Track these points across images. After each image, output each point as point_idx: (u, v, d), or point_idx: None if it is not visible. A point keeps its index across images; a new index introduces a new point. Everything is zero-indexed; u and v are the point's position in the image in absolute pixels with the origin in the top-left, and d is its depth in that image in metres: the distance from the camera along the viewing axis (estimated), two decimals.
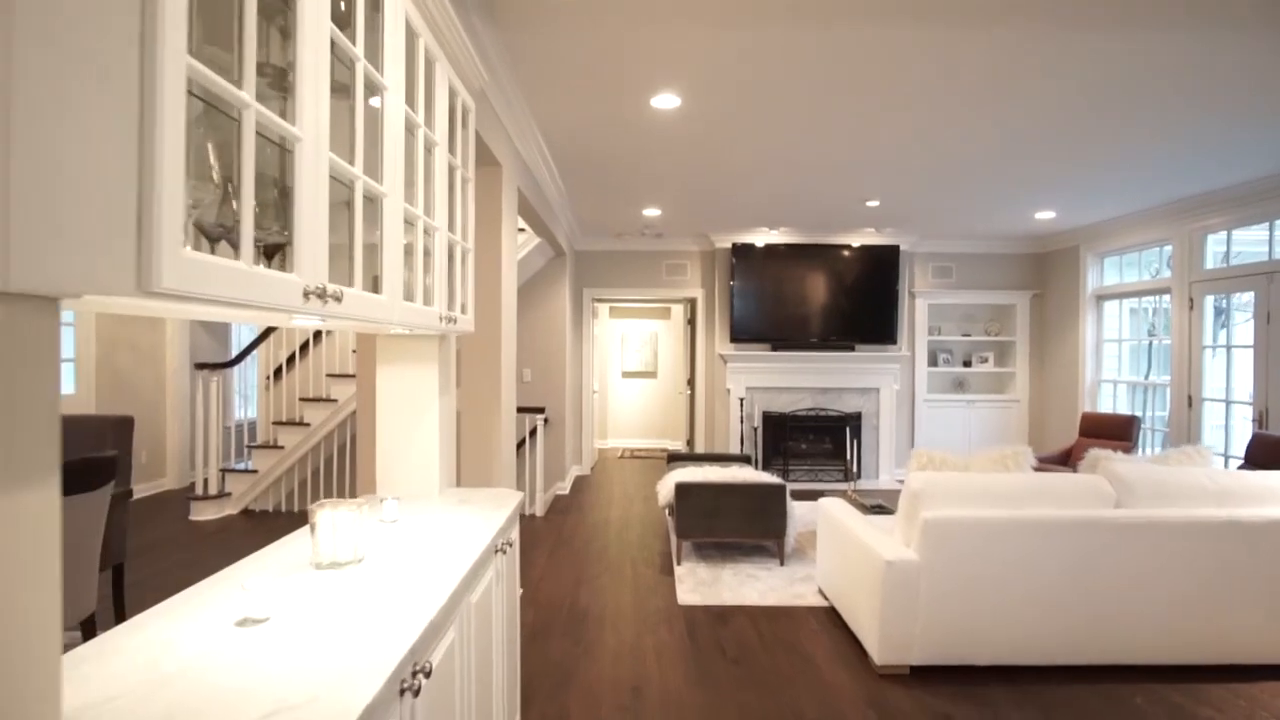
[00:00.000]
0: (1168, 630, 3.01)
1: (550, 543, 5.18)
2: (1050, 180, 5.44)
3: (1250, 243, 5.78)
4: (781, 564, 4.59)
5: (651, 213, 6.54)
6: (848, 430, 7.87)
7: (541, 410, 6.00)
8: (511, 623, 2.26)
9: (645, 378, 10.50)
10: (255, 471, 5.98)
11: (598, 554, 4.90)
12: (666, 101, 3.66)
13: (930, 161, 4.88)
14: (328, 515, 1.57)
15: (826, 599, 3.97)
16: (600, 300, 8.90)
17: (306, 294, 1.16)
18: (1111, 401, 7.35)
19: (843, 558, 3.60)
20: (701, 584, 4.21)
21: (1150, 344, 7.71)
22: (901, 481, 7.95)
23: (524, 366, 6.85)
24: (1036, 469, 3.52)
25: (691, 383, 8.66)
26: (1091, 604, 2.99)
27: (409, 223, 1.80)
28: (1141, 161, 4.95)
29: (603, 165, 4.94)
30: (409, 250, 1.81)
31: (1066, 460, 6.36)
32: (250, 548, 2.01)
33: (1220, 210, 5.73)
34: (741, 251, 7.71)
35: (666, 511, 5.21)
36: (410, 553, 1.70)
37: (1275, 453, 4.65)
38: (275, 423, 6.09)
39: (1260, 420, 5.40)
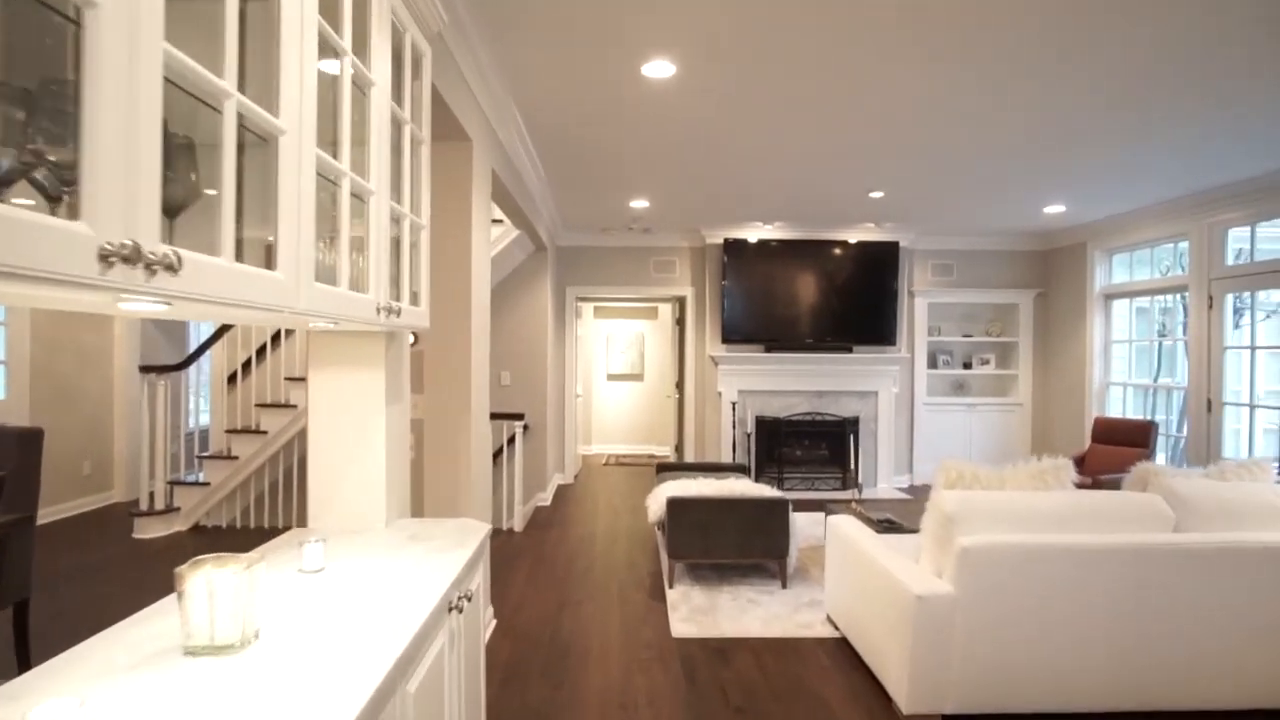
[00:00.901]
0: (1239, 671, 2.62)
1: (530, 561, 4.73)
2: (1063, 170, 5.08)
3: (1271, 239, 5.46)
4: (784, 586, 4.17)
5: (639, 204, 6.11)
6: (846, 436, 7.48)
7: (520, 417, 5.55)
8: (472, 694, 1.82)
9: (631, 381, 10.08)
10: (207, 484, 5.48)
11: (581, 574, 4.46)
12: (660, 70, 3.23)
13: (941, 148, 4.49)
14: (201, 581, 1.13)
15: (836, 628, 3.56)
16: (584, 299, 8.46)
17: (105, 257, 0.72)
18: (1121, 405, 7.02)
19: (858, 585, 3.19)
20: (697, 611, 3.78)
21: (1160, 345, 7.40)
22: (902, 490, 7.59)
23: (501, 369, 6.39)
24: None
25: (680, 386, 8.24)
26: (1153, 641, 2.59)
27: (328, 179, 1.35)
28: (1159, 151, 4.63)
29: (587, 148, 4.51)
30: (328, 217, 1.37)
31: (1079, 469, 5.99)
32: None
33: (1243, 203, 5.40)
34: (734, 248, 7.30)
35: (657, 528, 4.78)
36: (330, 621, 1.26)
37: None
38: (230, 431, 5.59)
39: None
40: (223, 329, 5.79)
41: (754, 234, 7.34)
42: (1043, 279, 7.85)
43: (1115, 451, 5.79)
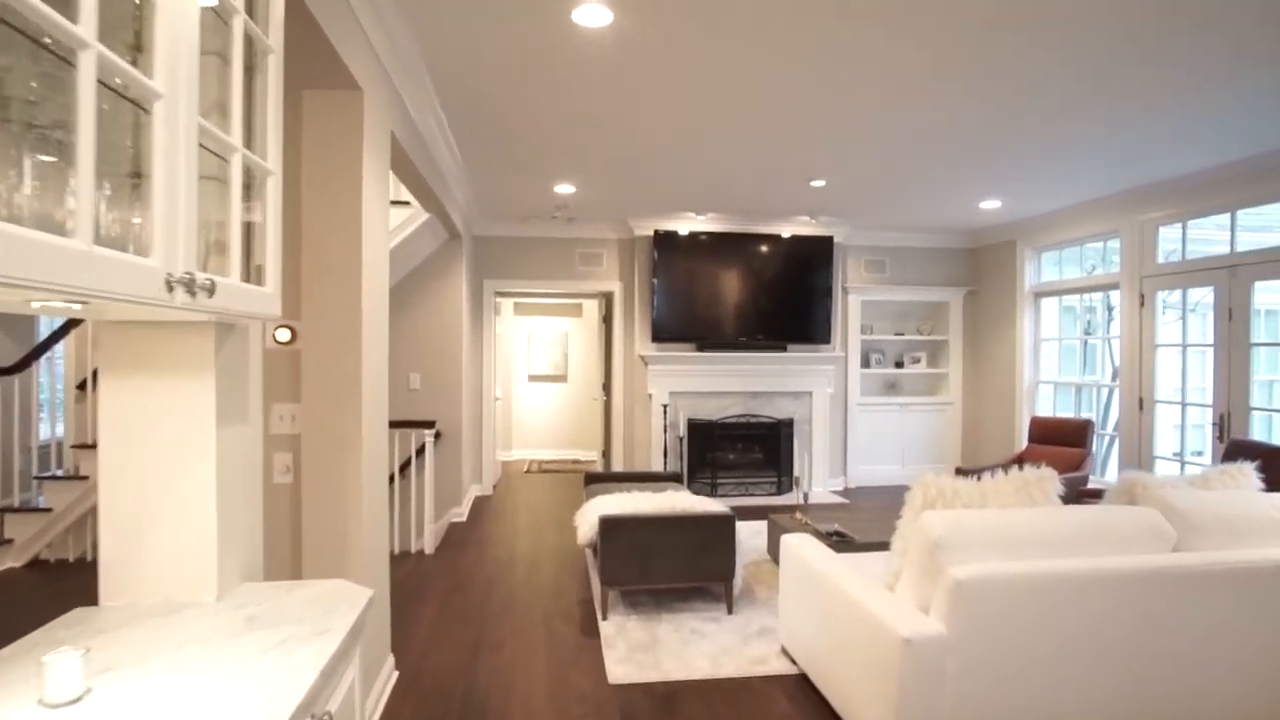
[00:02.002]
0: (1267, 693, 2.35)
1: (441, 590, 4.13)
2: (1000, 164, 4.91)
3: (1200, 240, 5.46)
4: (730, 611, 3.74)
5: (564, 190, 5.58)
6: (780, 438, 7.17)
7: (431, 425, 4.92)
8: None
9: (555, 382, 9.51)
10: (49, 510, 4.59)
11: (501, 605, 3.89)
12: (594, 15, 2.73)
13: (886, 134, 4.19)
14: None
15: (794, 662, 3.15)
16: (504, 294, 7.85)
17: None
18: (1051, 404, 7.01)
19: (823, 617, 2.78)
20: (636, 649, 3.30)
21: (1085, 344, 7.45)
22: (837, 493, 7.36)
23: (410, 371, 5.73)
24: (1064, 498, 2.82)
25: (608, 387, 7.75)
26: (1167, 673, 2.29)
27: (41, 45, 0.79)
28: (1094, 148, 4.55)
29: (508, 118, 3.95)
30: (69, 128, 0.80)
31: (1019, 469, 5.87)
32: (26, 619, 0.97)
33: (1174, 201, 5.37)
34: (665, 240, 6.87)
35: (588, 550, 4.27)
36: None
37: (1252, 458, 4.23)
38: (77, 446, 4.71)
39: (1221, 424, 5.05)
40: (69, 323, 4.89)
41: (686, 226, 6.93)
42: (973, 277, 7.79)
43: (1053, 452, 5.68)
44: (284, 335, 2.65)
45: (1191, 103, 3.69)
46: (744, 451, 7.31)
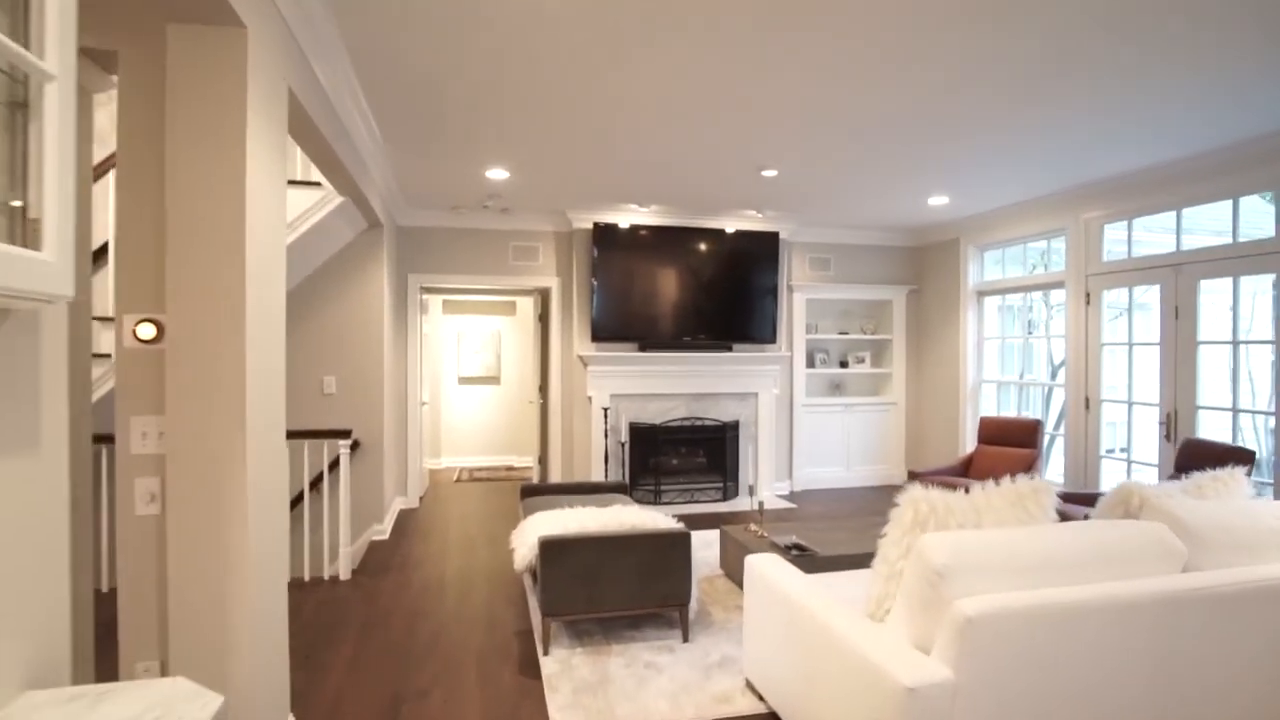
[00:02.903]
0: None
1: (357, 627, 3.62)
2: (950, 158, 4.77)
3: (1143, 243, 5.45)
4: (685, 639, 3.37)
5: (497, 175, 5.11)
6: (726, 441, 6.88)
7: (347, 434, 4.38)
8: None
9: (487, 384, 8.97)
10: None
11: (427, 642, 3.42)
12: None
13: (839, 120, 3.94)
14: None
15: (761, 699, 2.82)
16: (431, 290, 7.29)
17: None
18: (993, 404, 6.96)
19: (797, 651, 2.45)
20: (584, 690, 2.89)
21: (1027, 343, 7.45)
22: (784, 497, 7.11)
23: (324, 374, 5.14)
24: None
25: (544, 390, 7.30)
26: (1198, 708, 2.04)
27: None
28: (1042, 144, 4.48)
29: (434, 89, 3.47)
30: None
31: (966, 472, 5.75)
32: None
33: (1120, 199, 5.33)
34: (605, 234, 6.47)
35: (527, 575, 3.83)
36: None
37: (1210, 460, 4.16)
38: None
39: (1168, 423, 5.01)
40: None
41: (628, 218, 6.55)
42: (915, 275, 7.71)
43: (1004, 453, 5.58)
44: (147, 331, 2.13)
45: (1137, 101, 3.67)
46: (688, 456, 6.99)
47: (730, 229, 6.77)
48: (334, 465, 4.56)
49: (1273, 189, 4.43)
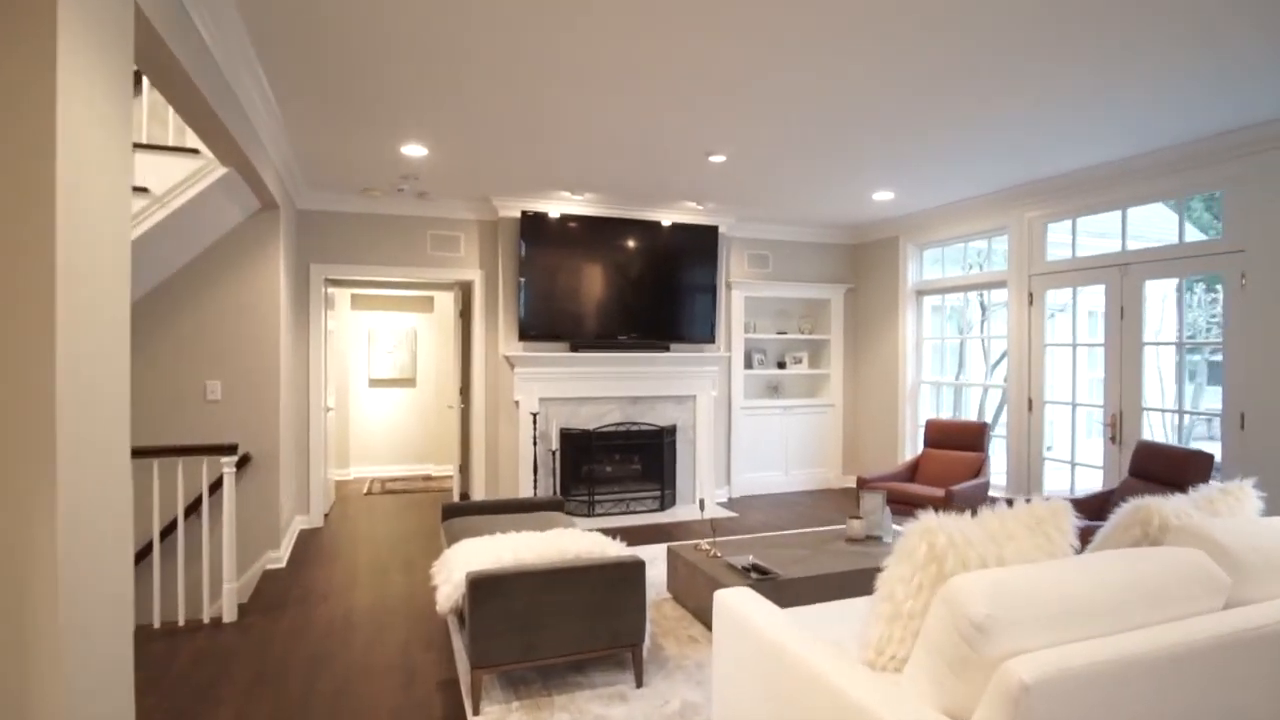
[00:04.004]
0: None
1: (242, 682, 2.99)
2: (900, 149, 4.59)
3: (1092, 242, 5.40)
4: (639, 683, 2.93)
5: (414, 152, 4.52)
6: (664, 447, 6.48)
7: (232, 449, 3.71)
8: None
9: (401, 387, 8.26)
10: None
11: (329, 702, 2.84)
12: None
13: (797, 101, 3.62)
14: None
15: None
16: (337, 282, 6.57)
17: None
18: (931, 405, 6.85)
19: (789, 711, 2.05)
20: None
21: (963, 344, 7.41)
22: (723, 505, 6.75)
23: (208, 379, 4.41)
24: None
25: (466, 393, 6.71)
26: None
27: None
28: (987, 140, 4.36)
29: (339, 42, 2.89)
30: None
31: (913, 477, 5.57)
32: None
33: (1064, 197, 5.25)
34: (534, 224, 5.95)
35: (454, 618, 3.30)
36: None
37: (1168, 464, 4.07)
38: None
39: (1114, 424, 4.95)
40: None
41: (559, 207, 6.06)
42: (854, 274, 7.54)
43: (951, 456, 5.41)
44: None
45: (1086, 99, 3.63)
46: (624, 464, 6.56)
47: (667, 222, 6.39)
48: (215, 487, 3.88)
49: (1219, 189, 4.40)
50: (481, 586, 2.67)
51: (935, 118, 3.93)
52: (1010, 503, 2.17)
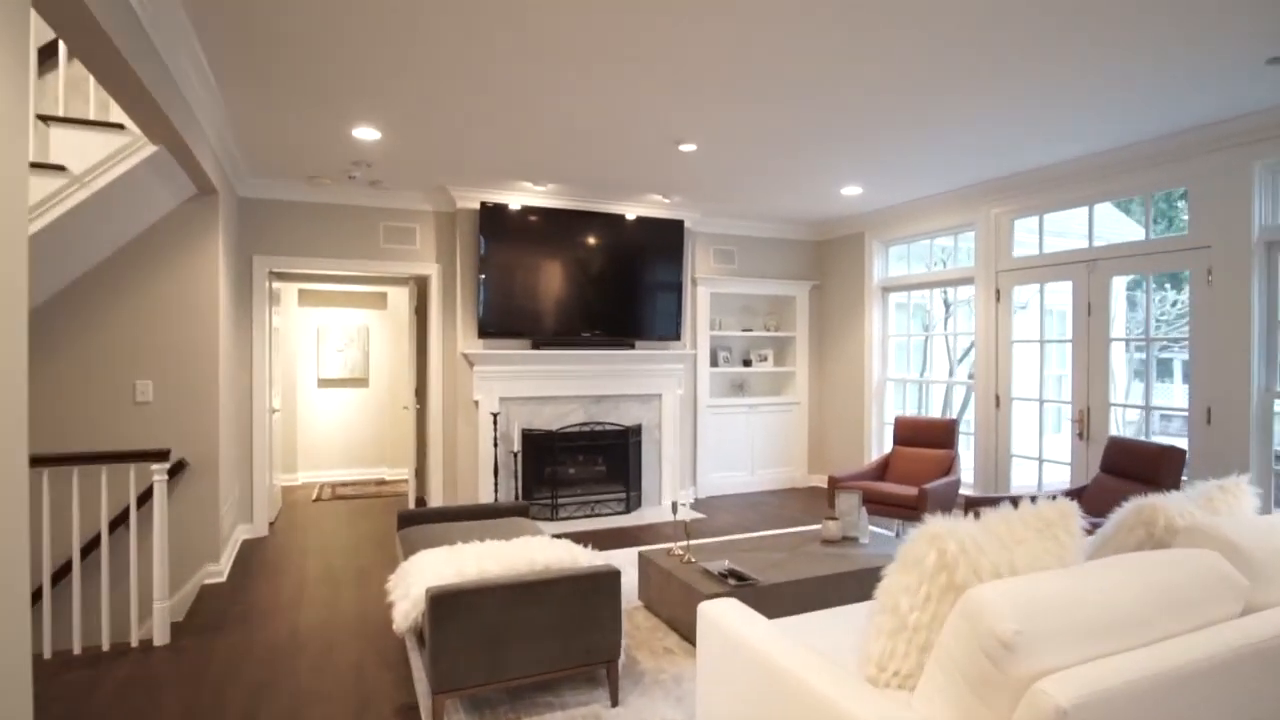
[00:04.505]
0: None
1: (175, 713, 2.70)
2: (868, 146, 4.54)
3: (1056, 234, 5.41)
4: (614, 702, 2.74)
5: (366, 135, 4.24)
6: (629, 447, 6.29)
7: (164, 455, 3.39)
8: None
9: (353, 387, 7.89)
10: None
11: None
12: None
13: (765, 93, 3.48)
14: None
15: None
16: (283, 276, 6.21)
17: None
18: (900, 403, 6.82)
19: None
20: None
21: (927, 340, 7.41)
22: (690, 506, 6.59)
23: (138, 378, 4.06)
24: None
25: (422, 393, 6.41)
26: None
27: None
28: (962, 134, 4.31)
29: (282, 9, 2.62)
30: None
31: (884, 475, 5.50)
32: None
33: (1031, 193, 5.23)
34: (493, 216, 5.70)
35: (413, 637, 3.04)
36: None
37: (1140, 460, 4.05)
38: None
39: (1081, 421, 4.95)
40: None
41: (520, 198, 5.81)
42: (819, 271, 7.47)
43: (921, 454, 5.35)
44: None
45: (1055, 95, 3.62)
46: (587, 465, 6.35)
47: (633, 215, 6.20)
48: (143, 498, 3.54)
49: (1185, 185, 4.41)
50: (443, 603, 2.44)
51: (906, 110, 3.84)
52: (1016, 503, 2.04)
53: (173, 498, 4.00)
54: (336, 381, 7.81)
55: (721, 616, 2.26)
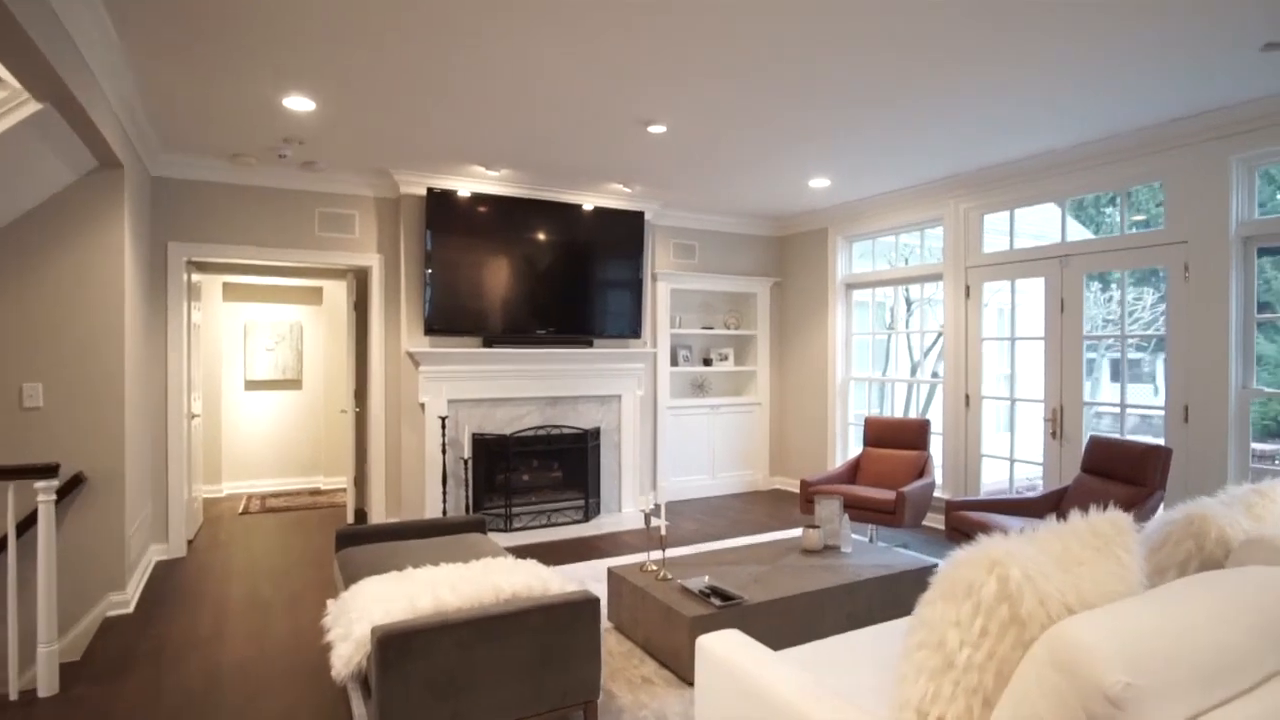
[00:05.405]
0: None
1: None
2: (839, 133, 4.34)
3: (1016, 238, 5.31)
4: None
5: (300, 106, 3.77)
6: (587, 452, 5.93)
7: (52, 470, 2.87)
8: None
9: (284, 389, 7.29)
10: None
11: None
12: None
13: (741, 64, 3.18)
14: None
15: None
16: (203, 267, 5.62)
17: None
18: (863, 403, 6.66)
19: None
20: None
21: (889, 338, 7.29)
22: (648, 512, 6.19)
23: (25, 380, 3.49)
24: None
25: (362, 396, 5.91)
26: None
27: None
28: (935, 124, 4.18)
29: None
30: None
31: (854, 478, 5.29)
32: None
33: (1002, 188, 5.11)
34: (441, 203, 5.27)
35: (355, 684, 2.62)
36: None
37: (1125, 460, 3.93)
38: None
39: (1054, 419, 4.84)
40: None
41: (471, 185, 5.39)
42: (780, 267, 7.27)
43: (893, 455, 5.16)
44: None
45: (1027, 86, 3.54)
46: (543, 471, 5.96)
47: (590, 205, 5.85)
48: (25, 524, 3.01)
49: (1159, 180, 4.34)
50: (392, 645, 2.05)
51: (879, 93, 3.64)
52: (1061, 516, 1.80)
53: (67, 518, 3.46)
54: (266, 383, 7.19)
55: (727, 653, 1.95)
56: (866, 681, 1.99)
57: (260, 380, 7.15)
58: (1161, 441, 4.18)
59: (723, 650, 1.96)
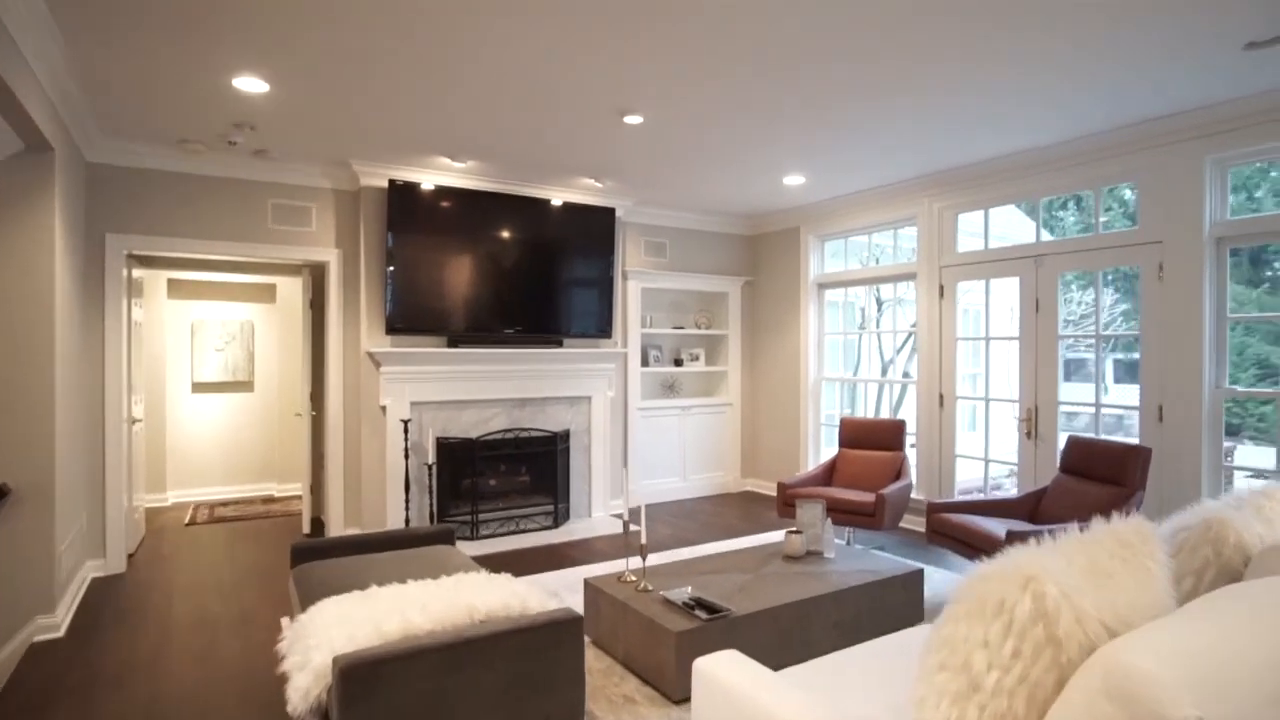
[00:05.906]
0: None
1: None
2: (817, 131, 4.27)
3: (990, 237, 5.30)
4: None
5: (252, 87, 3.51)
6: (556, 455, 5.74)
7: None
8: None
9: (235, 391, 6.92)
10: None
11: None
12: None
13: (724, 52, 3.04)
14: None
15: None
16: (146, 261, 5.27)
17: None
18: (834, 402, 6.60)
19: None
20: None
21: (860, 339, 7.24)
22: (620, 516, 6.08)
23: None
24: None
25: (319, 398, 5.61)
26: None
27: None
28: (911, 123, 4.13)
29: None
30: None
31: (830, 480, 5.21)
32: None
33: (976, 187, 5.08)
34: (403, 196, 5.02)
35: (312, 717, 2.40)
36: None
37: (1105, 460, 3.90)
38: None
39: (1029, 419, 4.83)
40: None
41: (435, 177, 5.16)
42: (752, 266, 7.17)
43: (870, 457, 5.09)
44: None
45: (997, 85, 3.52)
46: (511, 476, 5.74)
47: (560, 200, 5.66)
48: None
49: (1133, 179, 4.34)
50: (357, 677, 1.85)
51: (858, 89, 3.57)
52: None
53: None
54: (215, 385, 6.82)
55: (728, 678, 1.80)
56: (876, 703, 1.86)
57: (209, 382, 6.77)
58: (1136, 440, 4.18)
59: (723, 674, 1.81)
